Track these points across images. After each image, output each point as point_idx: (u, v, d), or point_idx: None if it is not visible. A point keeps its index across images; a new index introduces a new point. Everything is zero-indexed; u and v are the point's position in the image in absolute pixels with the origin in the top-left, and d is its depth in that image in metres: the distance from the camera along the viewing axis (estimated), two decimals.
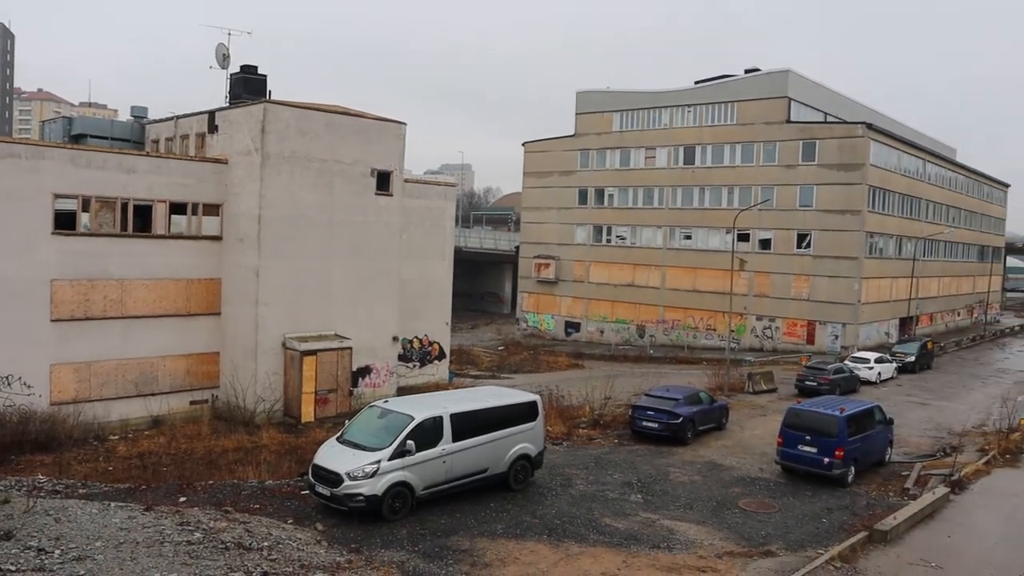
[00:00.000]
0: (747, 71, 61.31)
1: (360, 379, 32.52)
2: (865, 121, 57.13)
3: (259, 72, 34.41)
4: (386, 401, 19.38)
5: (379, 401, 19.56)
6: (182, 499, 17.41)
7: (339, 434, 18.56)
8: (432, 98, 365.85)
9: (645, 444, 26.05)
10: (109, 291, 27.97)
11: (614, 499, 19.62)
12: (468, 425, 18.25)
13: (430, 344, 39.81)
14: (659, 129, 64.06)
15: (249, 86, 33.75)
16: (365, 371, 32.81)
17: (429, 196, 38.95)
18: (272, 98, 30.96)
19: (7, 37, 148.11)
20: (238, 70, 34.47)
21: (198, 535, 14.21)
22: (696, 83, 63.27)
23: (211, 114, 31.91)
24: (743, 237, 57.50)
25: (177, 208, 29.61)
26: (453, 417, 18.01)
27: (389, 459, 16.70)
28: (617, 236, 67.14)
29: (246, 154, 29.71)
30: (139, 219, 28.72)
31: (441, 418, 17.81)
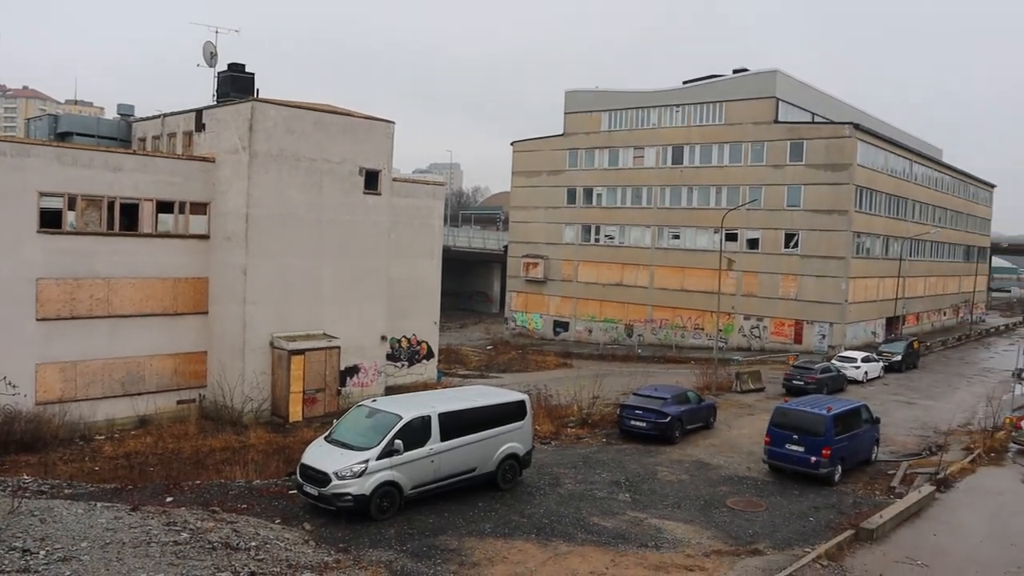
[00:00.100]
0: (735, 71, 61.45)
1: (348, 378, 32.45)
2: (852, 121, 57.39)
3: (247, 71, 34.24)
4: (374, 400, 19.35)
5: (367, 400, 19.54)
6: (169, 499, 17.31)
7: (327, 433, 18.52)
8: (420, 97, 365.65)
9: (633, 443, 26.11)
10: (95, 290, 27.79)
11: (602, 498, 19.66)
12: (456, 424, 18.26)
13: (418, 343, 39.76)
14: (647, 129, 64.16)
15: (237, 84, 33.59)
16: (353, 370, 32.74)
17: (418, 195, 38.91)
18: (260, 96, 30.82)
19: None
20: (226, 68, 34.31)
21: (185, 535, 14.14)
22: (684, 83, 63.37)
23: (198, 112, 31.74)
24: (731, 237, 57.66)
25: (164, 207, 29.44)
26: (441, 416, 18.01)
27: (377, 459, 16.68)
28: (605, 235, 67.21)
29: (234, 152, 29.58)
30: (126, 218, 28.54)
31: (429, 417, 17.81)
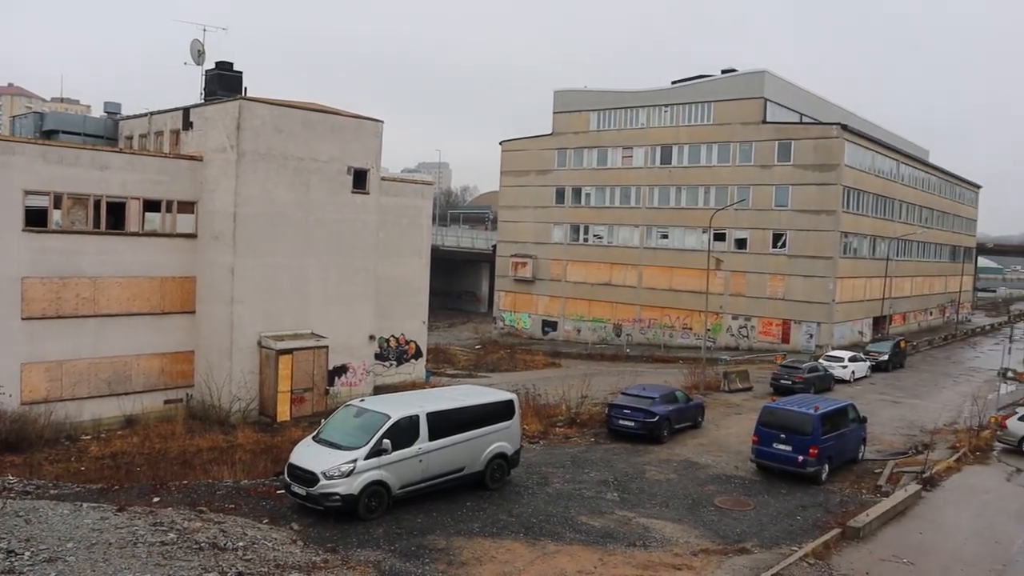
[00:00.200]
0: (724, 71, 61.65)
1: (336, 378, 32.35)
2: (840, 122, 57.73)
3: (235, 69, 34.05)
4: (362, 400, 19.30)
5: (355, 400, 19.48)
6: (156, 499, 17.22)
7: (315, 433, 18.47)
8: (409, 96, 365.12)
9: (621, 442, 26.15)
10: (81, 289, 27.59)
11: (590, 497, 19.69)
12: (445, 424, 18.24)
13: (407, 343, 39.69)
14: (636, 129, 64.27)
15: (225, 83, 33.40)
16: (341, 370, 32.64)
17: (406, 194, 38.83)
18: (248, 95, 30.67)
19: None
20: (214, 66, 34.13)
21: (172, 535, 14.06)
22: (673, 83, 63.53)
23: (186, 111, 31.55)
24: (719, 237, 57.82)
25: (151, 205, 29.26)
26: (430, 416, 17.99)
27: (365, 458, 16.65)
28: (594, 235, 67.30)
29: (221, 151, 29.43)
30: (112, 216, 28.34)
31: (417, 417, 17.78)
